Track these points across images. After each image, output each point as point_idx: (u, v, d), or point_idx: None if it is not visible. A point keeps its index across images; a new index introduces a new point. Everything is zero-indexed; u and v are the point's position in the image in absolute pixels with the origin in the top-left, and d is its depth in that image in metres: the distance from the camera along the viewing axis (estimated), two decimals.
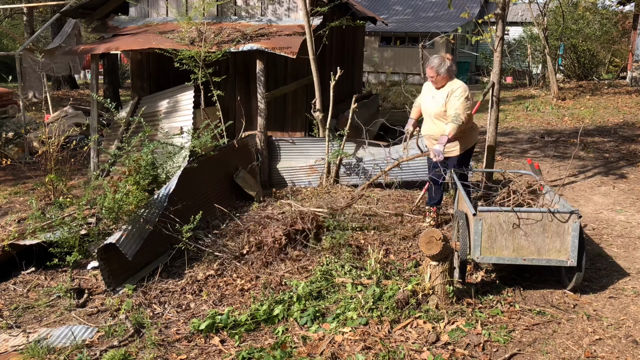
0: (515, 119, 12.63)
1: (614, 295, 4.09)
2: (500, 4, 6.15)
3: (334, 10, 8.03)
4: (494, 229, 3.90)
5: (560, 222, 3.82)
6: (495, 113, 6.34)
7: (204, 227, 5.20)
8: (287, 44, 6.80)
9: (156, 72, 8.68)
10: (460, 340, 3.41)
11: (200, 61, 6.70)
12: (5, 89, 12.18)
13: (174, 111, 7.37)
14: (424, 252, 3.70)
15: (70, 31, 11.03)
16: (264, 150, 6.96)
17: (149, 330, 3.54)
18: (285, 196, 6.44)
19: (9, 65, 21.54)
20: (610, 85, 17.93)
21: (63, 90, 19.03)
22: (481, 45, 24.72)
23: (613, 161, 8.43)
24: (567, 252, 3.85)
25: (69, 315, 3.85)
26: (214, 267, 4.42)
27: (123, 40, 7.41)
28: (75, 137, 8.74)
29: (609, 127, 11.17)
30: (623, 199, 6.53)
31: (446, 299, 3.77)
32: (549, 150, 9.25)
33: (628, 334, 3.54)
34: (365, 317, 3.59)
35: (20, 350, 3.37)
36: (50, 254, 4.32)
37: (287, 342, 3.38)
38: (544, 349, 3.36)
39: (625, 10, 20.74)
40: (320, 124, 7.16)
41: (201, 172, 5.55)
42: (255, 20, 7.80)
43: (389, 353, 3.22)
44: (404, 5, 26.09)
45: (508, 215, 3.88)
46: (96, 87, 7.79)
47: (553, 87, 15.42)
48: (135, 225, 4.37)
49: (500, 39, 6.15)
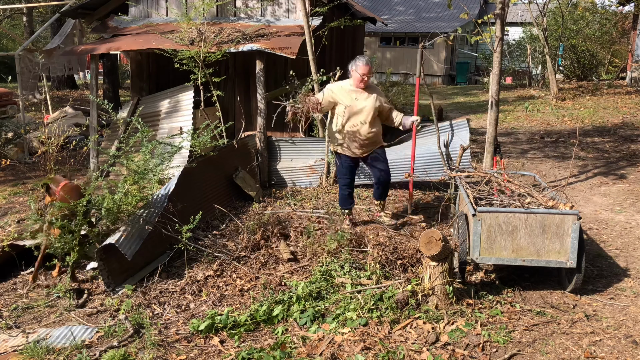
0: (514, 119, 12.63)
1: (613, 296, 4.09)
2: (499, 4, 6.15)
3: (334, 10, 8.03)
4: (493, 229, 3.90)
5: (560, 224, 3.82)
6: (494, 113, 6.35)
7: (204, 228, 5.20)
8: (286, 44, 6.80)
9: (156, 73, 8.68)
10: (460, 341, 3.41)
11: (200, 61, 6.70)
12: (4, 89, 12.18)
13: (174, 111, 7.36)
14: (424, 252, 3.70)
15: (69, 31, 11.03)
16: (263, 151, 6.96)
17: (148, 331, 3.54)
18: (285, 196, 6.44)
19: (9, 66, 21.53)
20: (609, 85, 17.93)
21: (63, 91, 19.03)
22: (481, 46, 24.75)
23: (613, 161, 8.44)
24: (566, 253, 3.85)
25: (68, 316, 3.85)
26: (213, 268, 4.42)
27: (123, 41, 7.40)
28: (75, 138, 8.74)
29: (609, 128, 11.17)
30: (623, 200, 6.53)
31: (446, 299, 3.77)
32: (548, 150, 9.26)
33: (627, 334, 3.55)
34: (364, 318, 3.59)
35: (19, 350, 3.37)
36: (49, 254, 4.32)
37: (286, 343, 3.38)
38: (543, 349, 3.36)
39: (625, 10, 20.74)
40: (320, 124, 7.16)
41: (201, 173, 5.55)
42: (255, 21, 7.80)
43: (389, 353, 3.22)
44: (406, 5, 26.12)
45: (507, 216, 3.88)
46: (96, 87, 7.78)
47: (553, 87, 15.42)
48: (135, 225, 4.37)
49: (500, 40, 6.15)
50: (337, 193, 6.58)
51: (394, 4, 26.24)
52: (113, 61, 14.73)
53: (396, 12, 25.70)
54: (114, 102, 9.84)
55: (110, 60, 14.30)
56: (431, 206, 6.14)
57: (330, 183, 6.83)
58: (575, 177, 7.60)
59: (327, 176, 6.87)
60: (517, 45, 21.23)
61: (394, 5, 26.21)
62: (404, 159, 6.45)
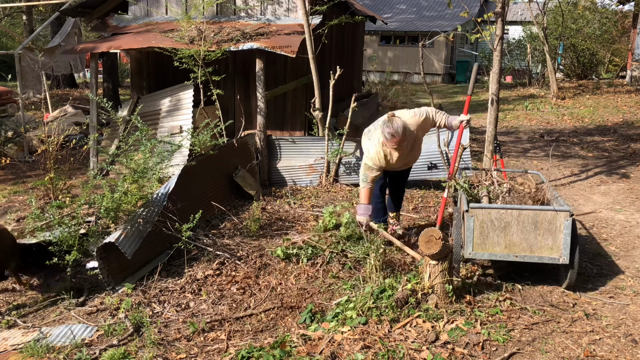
0: (514, 118, 12.63)
1: (613, 295, 4.09)
2: (499, 2, 6.15)
3: (333, 9, 8.03)
4: (486, 225, 3.92)
5: (552, 220, 3.84)
6: (494, 112, 6.34)
7: (204, 226, 5.21)
8: (286, 43, 6.80)
9: (156, 71, 8.68)
10: (460, 340, 3.41)
11: (199, 60, 6.70)
12: (4, 88, 12.17)
13: (174, 110, 7.36)
14: (423, 251, 3.70)
15: (70, 30, 11.03)
16: (263, 150, 6.96)
17: (148, 329, 3.54)
18: (285, 195, 6.44)
19: (9, 64, 21.52)
20: (609, 84, 17.92)
21: (63, 89, 19.02)
22: (481, 44, 24.72)
23: (612, 160, 8.44)
24: (559, 249, 3.87)
25: (68, 314, 3.85)
26: (213, 266, 4.42)
27: (123, 39, 7.40)
28: (75, 136, 8.74)
29: (609, 127, 11.17)
30: (622, 198, 6.53)
31: (445, 298, 3.77)
32: (548, 149, 9.25)
33: (627, 333, 3.55)
34: (364, 316, 3.59)
35: (19, 349, 3.38)
36: (49, 253, 4.32)
37: (286, 341, 3.38)
38: (543, 348, 3.36)
39: (625, 9, 20.74)
40: (320, 123, 7.16)
41: (200, 171, 5.55)
42: (254, 20, 7.79)
43: (389, 352, 3.22)
44: (408, 4, 26.11)
45: (499, 212, 3.90)
46: (95, 86, 7.78)
47: (553, 86, 15.41)
48: (135, 224, 4.36)
49: (500, 38, 6.15)
50: (337, 192, 6.61)
51: (395, 3, 26.24)
52: (113, 60, 14.71)
53: (398, 10, 25.69)
54: (113, 101, 9.82)
55: (110, 59, 14.29)
56: (431, 206, 6.14)
57: (330, 182, 6.83)
58: (575, 175, 7.60)
59: (327, 175, 6.88)
60: (517, 44, 21.22)
61: (395, 3, 26.20)
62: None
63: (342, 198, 6.36)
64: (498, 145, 6.12)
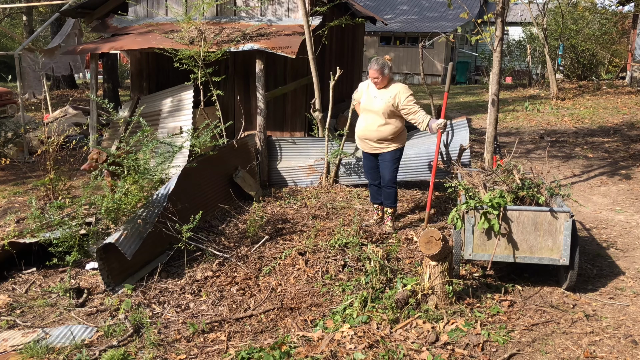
0: (514, 119, 12.63)
1: (613, 296, 4.09)
2: (499, 3, 6.15)
3: (334, 10, 8.03)
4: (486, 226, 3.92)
5: (552, 221, 3.84)
6: (494, 113, 6.34)
7: (204, 227, 5.21)
8: (286, 43, 6.80)
9: (156, 72, 8.68)
10: (460, 340, 3.41)
11: (200, 61, 6.70)
12: (4, 89, 12.18)
13: (174, 111, 7.36)
14: (423, 252, 3.70)
15: (70, 31, 11.03)
16: (263, 150, 6.96)
17: (148, 330, 3.54)
18: (285, 196, 6.44)
19: (9, 65, 21.53)
20: (609, 85, 17.93)
21: (63, 90, 19.02)
22: (481, 45, 24.74)
23: (613, 161, 8.44)
24: (559, 250, 3.87)
25: (68, 315, 3.85)
26: (213, 267, 4.42)
27: (124, 40, 7.40)
28: (75, 137, 8.75)
29: (609, 127, 11.17)
30: (622, 199, 6.53)
31: (445, 298, 3.77)
32: (548, 150, 9.25)
33: (627, 334, 3.55)
34: (364, 317, 3.59)
35: (19, 349, 3.37)
36: (49, 254, 4.32)
37: (286, 342, 3.38)
38: (543, 349, 3.36)
39: (625, 10, 20.74)
40: (320, 123, 7.16)
41: (200, 172, 5.55)
42: (255, 20, 7.79)
43: (389, 353, 3.22)
44: (409, 5, 26.11)
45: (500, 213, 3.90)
46: (95, 86, 7.78)
47: (553, 87, 15.41)
48: (135, 225, 4.37)
49: (500, 39, 6.15)
50: (337, 192, 6.61)
51: (397, 4, 26.23)
52: (113, 60, 14.72)
53: (400, 11, 25.69)
54: (114, 102, 9.82)
55: (110, 60, 14.30)
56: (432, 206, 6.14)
57: (330, 182, 6.83)
58: (576, 176, 7.60)
59: (327, 176, 6.87)
60: (517, 44, 21.23)
61: (397, 4, 26.20)
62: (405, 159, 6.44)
63: (341, 199, 6.36)
64: (498, 146, 6.12)
